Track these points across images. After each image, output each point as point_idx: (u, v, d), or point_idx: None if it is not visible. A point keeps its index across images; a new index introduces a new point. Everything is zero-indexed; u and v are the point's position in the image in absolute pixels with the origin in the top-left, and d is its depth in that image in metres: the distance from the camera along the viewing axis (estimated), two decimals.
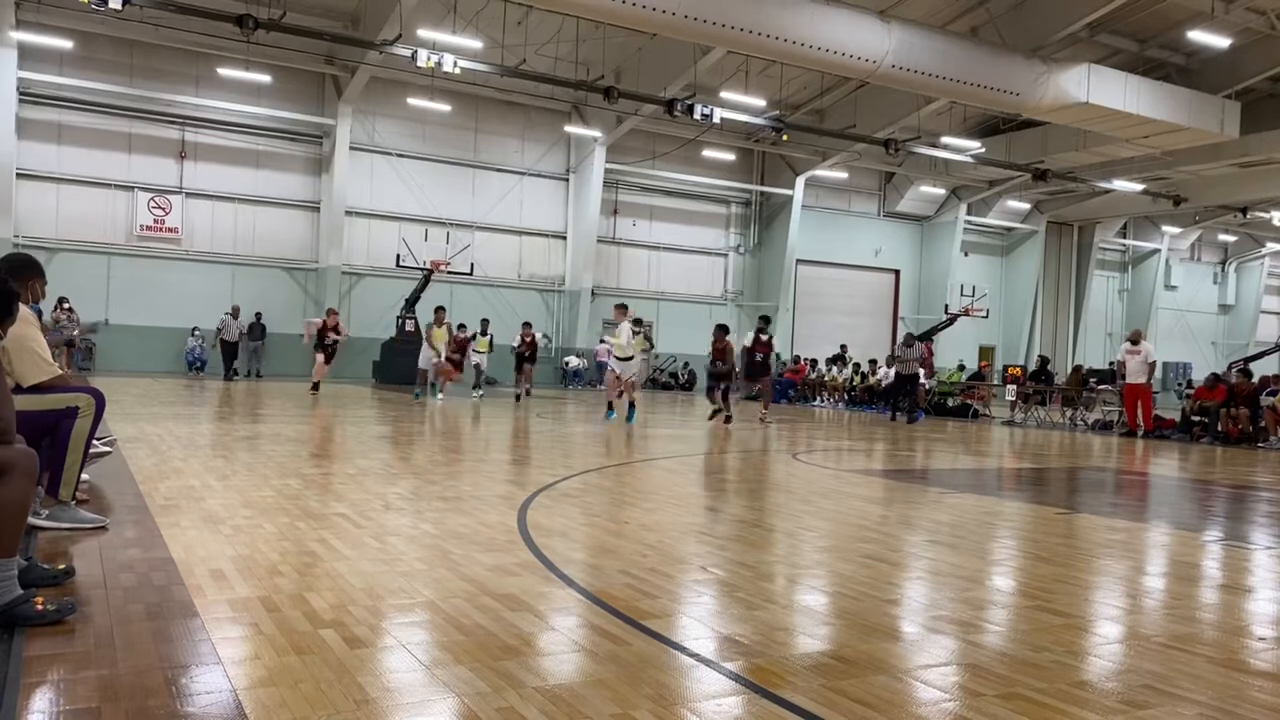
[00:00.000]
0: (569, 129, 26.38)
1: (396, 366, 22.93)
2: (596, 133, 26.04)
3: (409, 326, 23.97)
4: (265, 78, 22.86)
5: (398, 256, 24.68)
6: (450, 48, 19.45)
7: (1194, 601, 4.63)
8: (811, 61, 18.53)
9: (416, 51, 18.82)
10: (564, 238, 27.67)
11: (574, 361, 26.75)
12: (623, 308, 14.12)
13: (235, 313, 22.69)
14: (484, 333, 18.55)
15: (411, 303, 24.12)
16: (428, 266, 24.05)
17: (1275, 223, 32.61)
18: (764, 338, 15.43)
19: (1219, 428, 15.56)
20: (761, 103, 23.39)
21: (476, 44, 20.34)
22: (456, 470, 8.04)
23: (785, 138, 24.75)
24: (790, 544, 5.63)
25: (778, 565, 4.95)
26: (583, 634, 3.53)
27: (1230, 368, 18.88)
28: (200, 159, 23.91)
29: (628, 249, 28.77)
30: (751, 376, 15.82)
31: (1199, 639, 3.80)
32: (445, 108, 24.46)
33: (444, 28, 19.91)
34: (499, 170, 26.72)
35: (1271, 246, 38.58)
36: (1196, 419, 16.22)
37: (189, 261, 23.82)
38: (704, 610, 4.01)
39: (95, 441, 5.04)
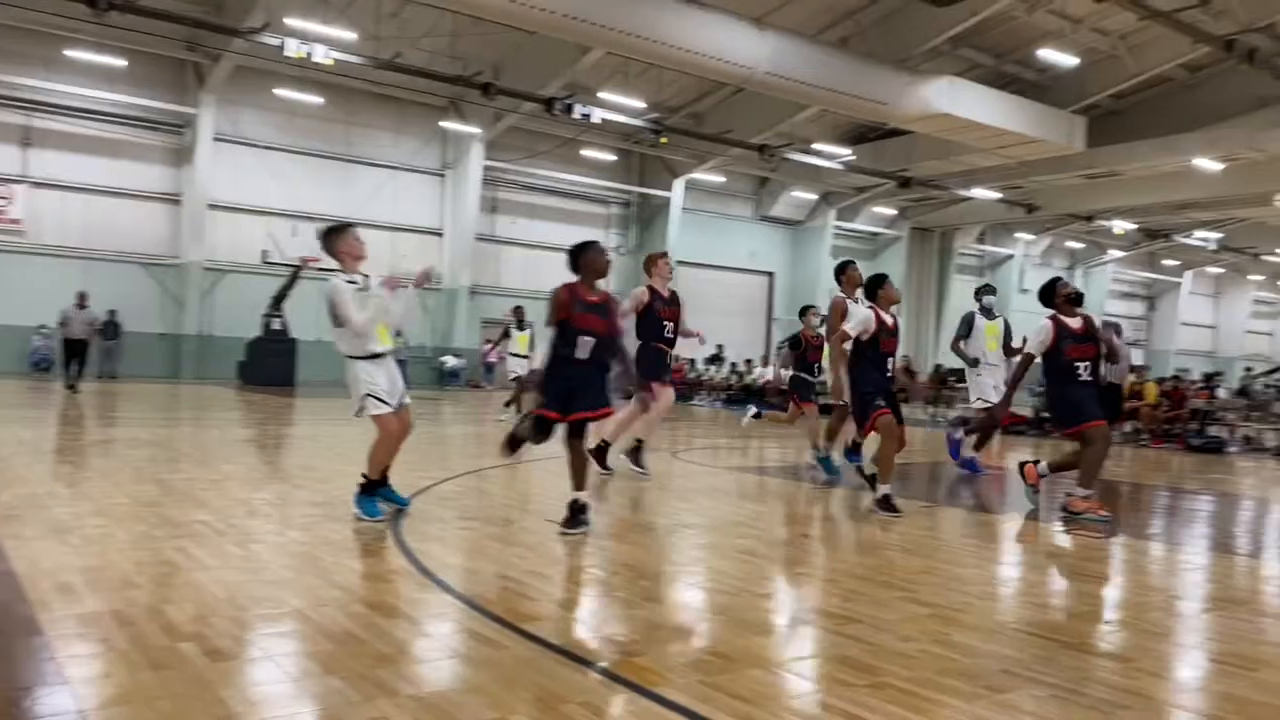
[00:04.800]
0: (445, 124, 25.92)
1: (265, 367, 22.03)
2: (475, 129, 25.69)
3: (276, 325, 23.08)
4: (120, 61, 21.60)
5: (264, 252, 23.74)
6: (320, 38, 18.83)
7: (1047, 588, 4.89)
8: (689, 65, 18.75)
9: (285, 41, 18.14)
10: (440, 234, 27.20)
11: (451, 361, 26.32)
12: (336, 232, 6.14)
13: (82, 300, 18.67)
14: (521, 326, 14.43)
15: (278, 300, 23.24)
16: (296, 263, 23.22)
17: (1116, 231, 34.91)
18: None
19: None
20: (641, 104, 23.53)
21: (349, 35, 19.76)
22: (327, 474, 7.79)
23: (664, 140, 24.94)
24: (670, 542, 5.68)
25: (657, 564, 4.99)
26: (459, 639, 3.47)
27: None
28: (48, 146, 22.41)
29: (507, 247, 28.47)
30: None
31: (1051, 624, 4.02)
32: (316, 99, 23.69)
33: (314, 17, 19.26)
34: (371, 164, 26.04)
35: (1114, 254, 41.21)
36: (1046, 416, 17.21)
37: (35, 255, 22.30)
38: (583, 611, 4.00)
39: None
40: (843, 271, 8.57)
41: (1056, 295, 7.10)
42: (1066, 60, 21.26)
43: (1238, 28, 18.65)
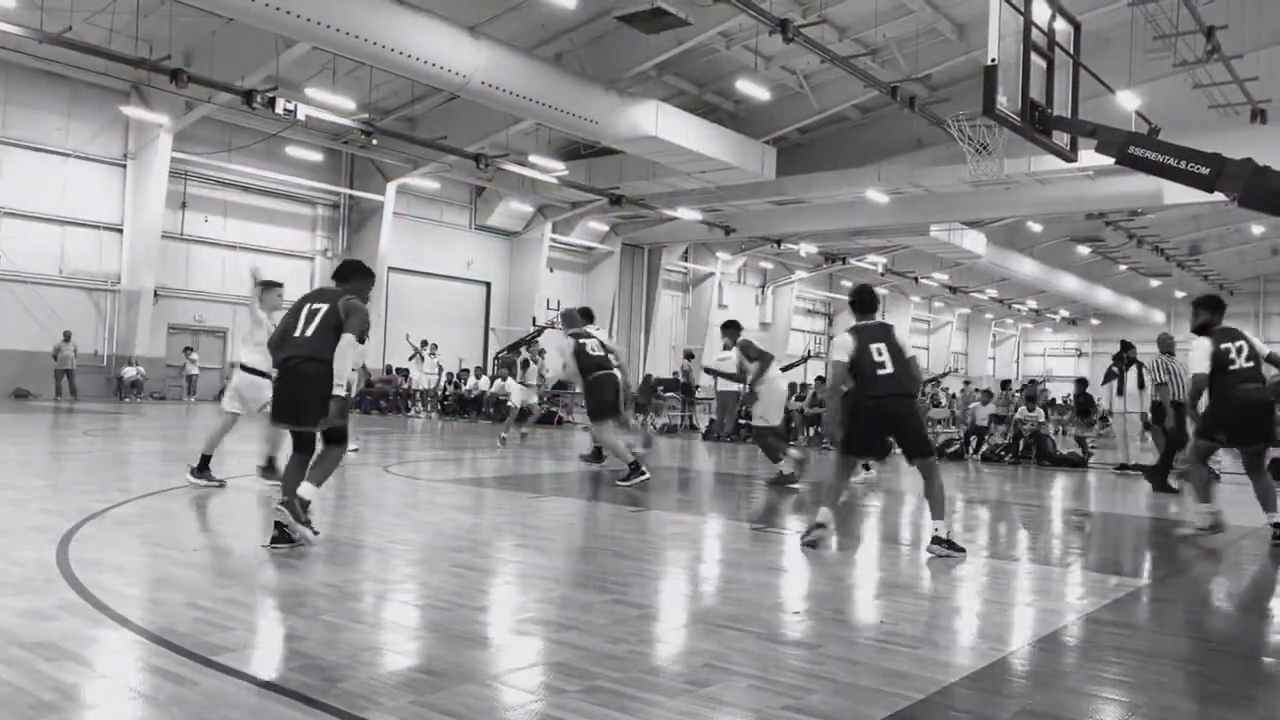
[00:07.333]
0: (127, 110, 23.50)
1: None
2: (162, 118, 23.48)
3: None
4: None
5: None
6: None
7: (742, 584, 5.24)
8: (401, 68, 18.28)
9: None
10: (120, 231, 24.60)
11: (130, 371, 23.83)
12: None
13: None
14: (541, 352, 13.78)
15: None
16: None
17: (802, 254, 38.32)
18: None
19: None
20: (350, 104, 22.62)
21: (6, 1, 17.38)
22: None
23: (375, 141, 24.19)
24: (380, 559, 5.48)
25: (366, 583, 4.80)
26: (140, 678, 3.15)
27: None
28: None
29: (199, 247, 26.24)
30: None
31: (748, 618, 4.31)
32: None
33: None
34: (36, 149, 23.07)
35: (800, 274, 45.07)
36: (743, 422, 18.50)
37: None
38: (285, 637, 3.77)
39: None
40: None
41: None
42: (760, 93, 23.04)
43: (901, 76, 21.12)
